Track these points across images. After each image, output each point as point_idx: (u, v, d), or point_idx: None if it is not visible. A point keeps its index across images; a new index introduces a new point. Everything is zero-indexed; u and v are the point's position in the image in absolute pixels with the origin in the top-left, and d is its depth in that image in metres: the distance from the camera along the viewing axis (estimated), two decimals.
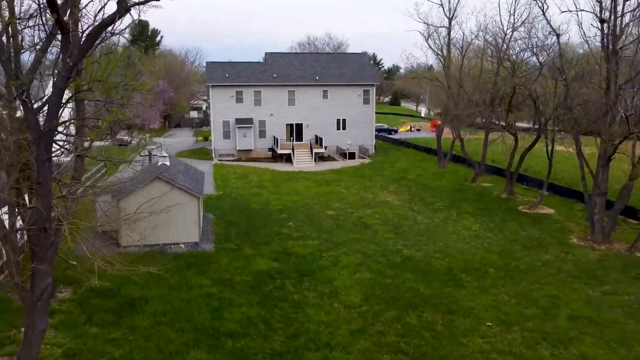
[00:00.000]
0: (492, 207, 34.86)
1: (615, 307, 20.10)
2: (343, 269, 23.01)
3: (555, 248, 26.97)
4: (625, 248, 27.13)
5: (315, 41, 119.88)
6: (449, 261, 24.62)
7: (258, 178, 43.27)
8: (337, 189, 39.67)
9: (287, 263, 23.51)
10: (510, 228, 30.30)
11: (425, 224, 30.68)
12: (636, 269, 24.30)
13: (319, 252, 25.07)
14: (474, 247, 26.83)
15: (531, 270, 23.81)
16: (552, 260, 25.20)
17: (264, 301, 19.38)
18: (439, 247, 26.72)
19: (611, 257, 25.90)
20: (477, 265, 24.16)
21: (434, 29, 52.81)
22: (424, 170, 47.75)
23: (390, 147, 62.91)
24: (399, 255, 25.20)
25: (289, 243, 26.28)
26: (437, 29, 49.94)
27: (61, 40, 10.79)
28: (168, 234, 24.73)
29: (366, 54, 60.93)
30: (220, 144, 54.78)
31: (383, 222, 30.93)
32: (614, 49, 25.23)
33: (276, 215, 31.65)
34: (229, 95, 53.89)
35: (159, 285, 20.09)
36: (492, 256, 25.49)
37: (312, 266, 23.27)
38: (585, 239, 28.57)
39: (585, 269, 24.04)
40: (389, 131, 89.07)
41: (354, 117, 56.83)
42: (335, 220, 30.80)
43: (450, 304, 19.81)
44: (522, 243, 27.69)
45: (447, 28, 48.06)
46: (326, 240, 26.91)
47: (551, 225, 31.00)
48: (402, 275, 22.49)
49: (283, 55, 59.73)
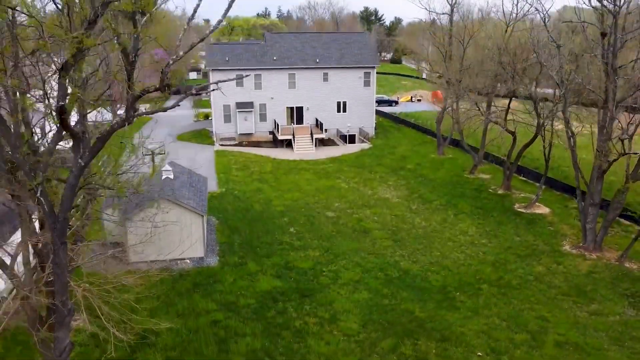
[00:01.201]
0: (488, 206, 35.64)
1: (601, 331, 21.23)
2: (342, 287, 24.05)
3: (548, 258, 27.93)
4: (616, 257, 28.09)
5: (316, 5, 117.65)
6: (444, 276, 25.63)
7: (259, 169, 43.89)
8: (337, 182, 40.36)
9: (289, 281, 24.53)
10: (506, 232, 31.18)
11: (422, 228, 31.56)
12: (624, 282, 25.34)
13: (320, 266, 26.06)
14: (469, 257, 27.79)
15: (523, 285, 24.84)
16: (543, 272, 26.20)
17: (267, 329, 20.48)
18: (436, 257, 27.69)
19: (601, 268, 26.89)
20: (471, 280, 25.17)
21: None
22: (423, 158, 48.28)
23: (390, 127, 63.13)
24: (396, 268, 26.19)
25: (290, 255, 27.24)
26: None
27: (73, 144, 11.30)
28: (174, 250, 25.65)
29: (367, 34, 60.31)
30: (221, 128, 55.08)
31: (382, 225, 31.81)
32: (612, 67, 25.39)
33: (278, 218, 32.50)
34: (229, 79, 53.53)
35: (168, 312, 21.15)
36: (486, 268, 26.49)
37: (313, 284, 24.30)
38: (578, 246, 29.49)
39: (575, 284, 25.06)
40: (389, 102, 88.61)
41: (354, 100, 56.85)
42: (335, 225, 31.67)
43: (444, 330, 20.92)
44: (515, 251, 28.62)
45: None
46: (326, 251, 27.85)
47: (545, 229, 31.87)
48: (399, 295, 23.54)
49: (283, 35, 59.13)
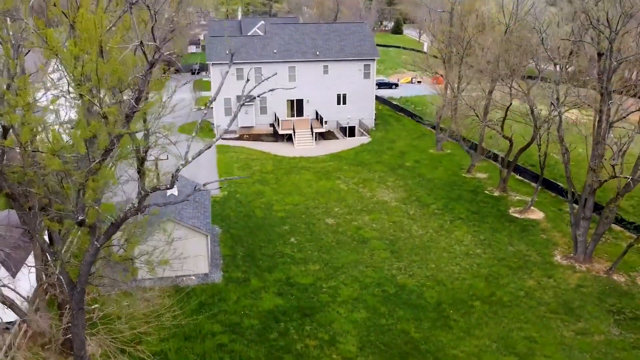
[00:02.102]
0: (484, 210, 36.58)
1: (586, 352, 22.49)
2: (341, 305, 25.24)
3: (539, 270, 29.03)
4: (604, 269, 29.22)
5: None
6: (439, 291, 26.79)
7: (260, 168, 44.70)
8: (336, 184, 41.21)
9: (290, 299, 25.71)
10: (499, 241, 32.21)
11: (419, 237, 32.57)
12: (611, 297, 26.53)
13: (320, 282, 27.22)
14: (464, 270, 28.89)
15: (514, 302, 26.01)
16: (534, 287, 27.34)
17: (270, 352, 21.75)
18: (431, 270, 28.80)
19: (590, 281, 28.04)
20: (464, 297, 26.34)
21: None
22: (422, 154, 48.92)
23: (390, 117, 63.48)
24: (393, 284, 27.33)
25: (291, 269, 28.36)
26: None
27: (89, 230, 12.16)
28: (180, 266, 26.67)
29: (365, 24, 60.16)
30: (222, 121, 55.60)
31: (380, 234, 32.83)
32: (607, 90, 25.95)
33: (279, 226, 33.51)
34: (229, 73, 53.89)
35: (175, 335, 22.36)
36: (479, 283, 27.62)
37: (313, 301, 25.51)
38: (569, 256, 30.58)
39: (564, 300, 26.23)
40: (390, 85, 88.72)
41: (354, 92, 57.16)
42: (335, 234, 32.70)
43: (437, 351, 22.18)
44: (508, 263, 29.71)
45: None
46: (326, 264, 28.96)
47: (538, 237, 32.90)
48: (396, 314, 24.74)
49: (283, 26, 58.97)
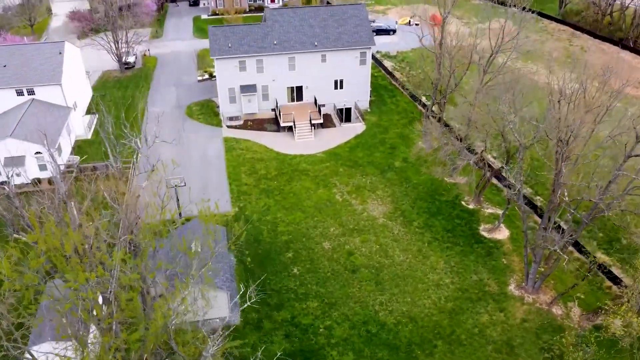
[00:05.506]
0: (457, 230, 42.79)
1: None
2: (334, 348, 32.69)
3: (494, 303, 36.09)
4: (548, 300, 36.21)
5: None
6: (411, 329, 34.12)
7: (265, 173, 50.22)
8: (332, 194, 47.02)
9: (294, 341, 33.08)
10: (466, 269, 38.94)
11: (400, 265, 39.24)
12: (546, 333, 33.92)
13: (317, 322, 34.46)
14: (433, 305, 35.97)
15: (468, 341, 33.44)
16: (486, 324, 34.58)
17: None
18: (407, 305, 35.89)
19: (533, 314, 35.26)
20: (430, 336, 33.72)
21: None
22: (411, 148, 53.84)
23: (385, 94, 66.80)
24: (376, 322, 34.58)
25: (295, 307, 35.48)
26: None
27: None
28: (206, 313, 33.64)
29: (363, 5, 61.40)
30: (227, 108, 59.79)
31: (367, 260, 39.52)
32: (563, 157, 31.19)
33: (283, 254, 40.16)
34: (232, 65, 57.27)
35: None
36: (443, 320, 34.84)
37: (312, 344, 32.93)
38: (521, 286, 37.47)
39: (508, 338, 33.63)
40: (387, 31, 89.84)
41: (350, 77, 60.61)
42: (330, 261, 39.40)
43: None
44: (470, 295, 36.69)
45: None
46: (322, 302, 36.00)
47: (499, 262, 39.60)
48: (376, 355, 32.24)
49: (282, 12, 60.61)
